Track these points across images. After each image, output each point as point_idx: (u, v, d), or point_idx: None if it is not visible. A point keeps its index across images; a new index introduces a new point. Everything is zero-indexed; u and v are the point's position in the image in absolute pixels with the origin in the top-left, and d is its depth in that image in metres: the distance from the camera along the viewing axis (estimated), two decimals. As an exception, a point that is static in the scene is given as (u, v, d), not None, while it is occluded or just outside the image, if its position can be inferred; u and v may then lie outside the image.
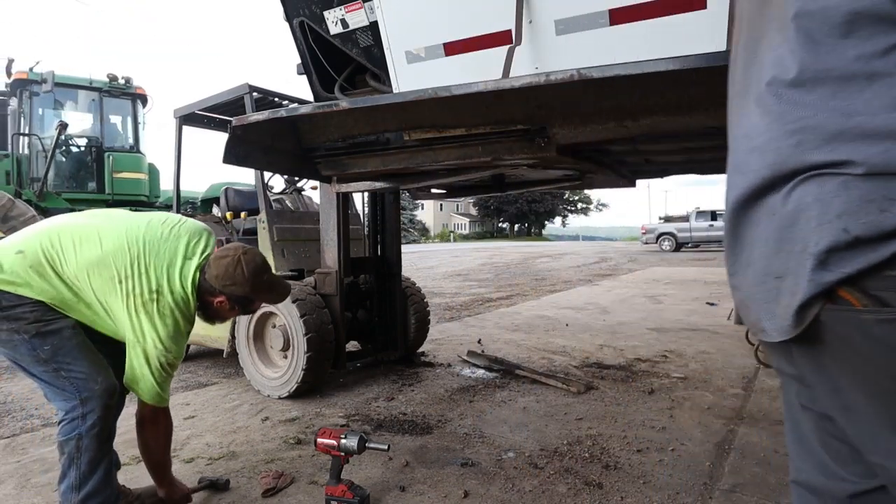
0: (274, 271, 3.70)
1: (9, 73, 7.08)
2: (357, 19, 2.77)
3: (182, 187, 4.66)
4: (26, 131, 6.66)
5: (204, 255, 1.90)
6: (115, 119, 7.54)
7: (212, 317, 1.99)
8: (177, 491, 2.08)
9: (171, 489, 2.07)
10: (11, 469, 2.54)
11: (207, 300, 1.90)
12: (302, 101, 3.99)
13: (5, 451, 2.76)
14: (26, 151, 6.74)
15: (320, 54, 3.05)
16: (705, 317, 6.30)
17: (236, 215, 4.40)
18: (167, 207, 7.88)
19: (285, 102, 4.15)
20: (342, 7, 2.78)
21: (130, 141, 7.63)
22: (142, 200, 7.53)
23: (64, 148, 6.94)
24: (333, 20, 2.85)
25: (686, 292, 8.59)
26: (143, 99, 7.73)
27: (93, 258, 1.76)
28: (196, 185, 8.09)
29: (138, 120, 7.66)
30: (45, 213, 5.83)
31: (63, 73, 6.90)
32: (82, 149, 7.06)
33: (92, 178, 7.14)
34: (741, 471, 2.34)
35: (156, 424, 1.94)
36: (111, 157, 7.17)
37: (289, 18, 3.02)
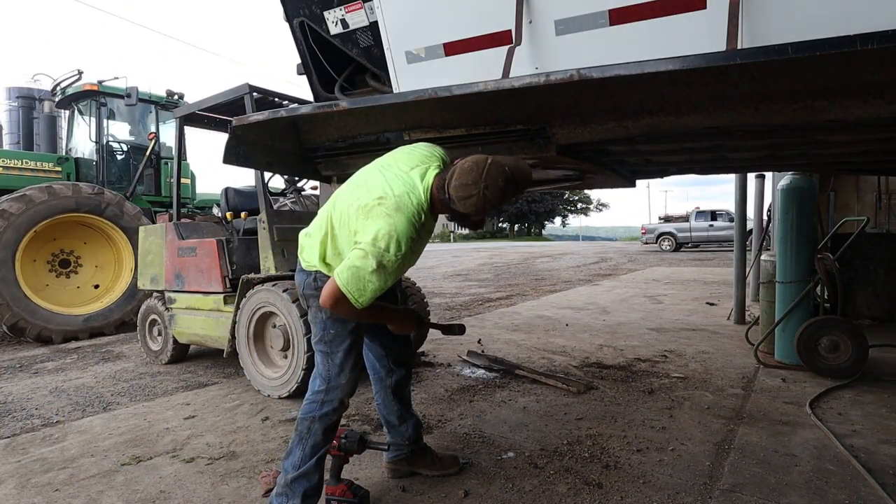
0: (274, 271, 3.73)
1: (53, 91, 7.64)
2: (357, 19, 2.77)
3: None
4: (94, 139, 7.21)
5: (434, 166, 1.87)
6: (168, 129, 8.07)
7: (475, 223, 1.92)
8: (404, 317, 2.05)
9: (400, 323, 2.06)
10: (11, 469, 2.54)
11: (466, 216, 1.83)
12: (302, 101, 3.99)
13: (5, 451, 2.76)
14: (92, 157, 7.31)
15: (320, 54, 3.05)
16: (705, 317, 6.30)
17: (236, 215, 4.40)
18: (201, 209, 8.14)
19: (285, 102, 4.15)
20: (342, 7, 2.78)
21: None
22: (186, 203, 8.12)
23: (123, 153, 7.53)
24: (333, 20, 2.85)
25: (686, 292, 8.59)
26: None
27: (340, 201, 1.90)
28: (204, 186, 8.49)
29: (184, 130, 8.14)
30: None
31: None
32: (124, 154, 7.66)
33: (151, 182, 7.73)
34: (741, 471, 2.34)
35: (348, 313, 1.82)
36: (169, 164, 7.69)
37: (289, 18, 3.02)
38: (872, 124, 2.10)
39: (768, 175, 6.62)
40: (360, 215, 1.79)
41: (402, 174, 1.83)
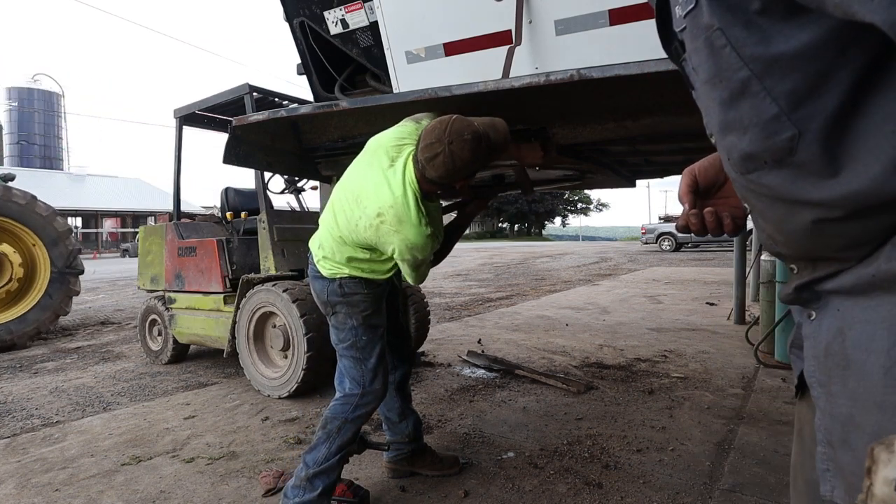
0: (274, 271, 3.73)
1: None
2: (357, 19, 2.77)
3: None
4: None
5: (407, 153, 1.85)
6: None
7: (462, 193, 1.98)
8: (479, 206, 2.21)
9: (479, 211, 2.24)
10: (11, 469, 2.54)
11: (448, 189, 1.86)
12: (302, 101, 3.99)
13: (5, 451, 2.76)
14: None
15: (320, 54, 3.05)
16: (705, 317, 6.30)
17: (236, 215, 4.40)
18: None
19: (285, 102, 4.15)
20: (342, 7, 2.78)
21: None
22: None
23: None
24: (333, 20, 2.85)
25: (686, 292, 8.59)
26: None
27: (342, 218, 1.93)
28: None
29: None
30: None
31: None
32: None
33: None
34: (741, 471, 2.34)
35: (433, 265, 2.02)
36: None
37: (289, 18, 3.02)
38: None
39: (768, 175, 6.60)
40: (369, 233, 1.82)
41: (384, 177, 1.82)
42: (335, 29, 2.87)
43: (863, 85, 0.50)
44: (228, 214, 4.48)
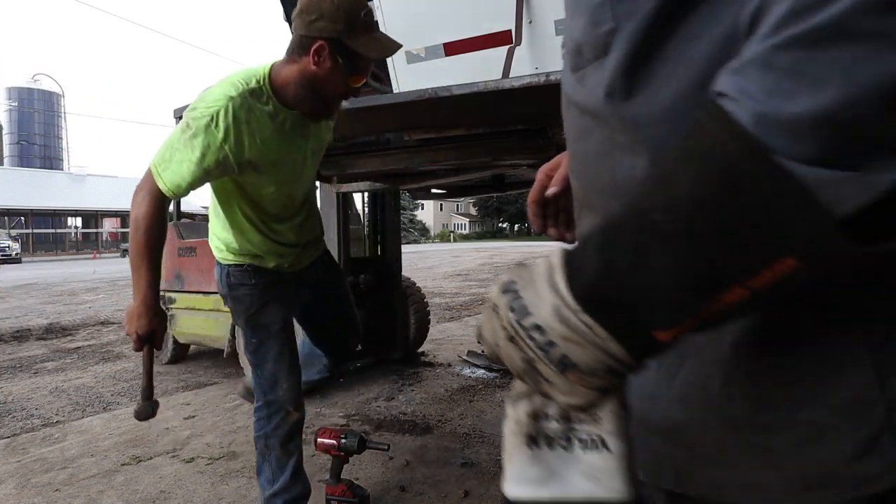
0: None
1: None
2: (357, 19, 2.77)
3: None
4: None
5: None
6: None
7: (317, 90, 1.54)
8: (140, 314, 1.45)
9: (138, 307, 1.45)
10: (11, 469, 2.54)
11: (301, 68, 1.53)
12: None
13: (5, 451, 2.77)
14: None
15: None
16: (705, 317, 6.29)
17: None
18: None
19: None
20: (342, 7, 2.78)
21: None
22: None
23: None
24: (333, 20, 2.85)
25: (686, 292, 8.58)
26: None
27: None
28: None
29: None
30: None
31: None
32: None
33: None
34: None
35: (137, 203, 1.45)
36: None
37: (289, 19, 3.02)
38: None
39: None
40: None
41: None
42: (335, 29, 2.86)
43: None
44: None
